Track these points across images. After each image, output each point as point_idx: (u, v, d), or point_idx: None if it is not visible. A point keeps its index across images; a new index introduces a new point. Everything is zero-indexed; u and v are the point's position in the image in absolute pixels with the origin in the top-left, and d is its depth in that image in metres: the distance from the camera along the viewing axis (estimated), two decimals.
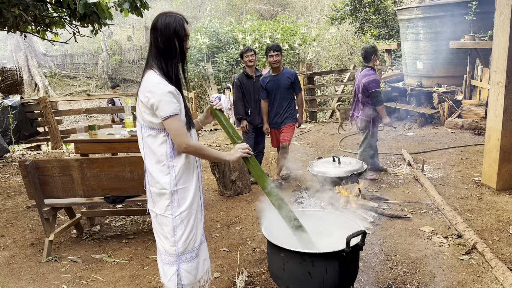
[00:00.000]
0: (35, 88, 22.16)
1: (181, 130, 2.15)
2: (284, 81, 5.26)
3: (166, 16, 2.21)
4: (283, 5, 25.52)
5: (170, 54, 2.19)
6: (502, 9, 4.46)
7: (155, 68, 2.20)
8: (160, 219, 2.29)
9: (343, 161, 4.27)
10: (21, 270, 3.54)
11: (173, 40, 2.18)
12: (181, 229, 2.28)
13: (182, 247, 2.30)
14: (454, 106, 8.36)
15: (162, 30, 2.17)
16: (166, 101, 2.11)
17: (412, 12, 9.00)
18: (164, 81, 2.15)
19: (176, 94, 2.17)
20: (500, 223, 3.92)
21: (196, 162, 2.40)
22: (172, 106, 2.12)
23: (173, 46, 2.19)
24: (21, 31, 5.43)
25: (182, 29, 2.20)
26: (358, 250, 2.38)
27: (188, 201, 2.29)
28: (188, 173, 2.31)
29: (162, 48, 2.18)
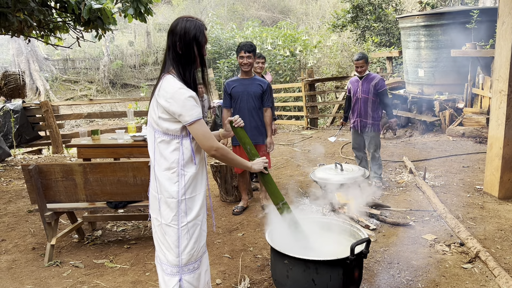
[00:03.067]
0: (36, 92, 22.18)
1: (208, 133, 2.13)
2: (254, 88, 4.51)
3: (187, 21, 2.17)
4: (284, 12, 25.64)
5: (189, 60, 2.16)
6: (504, 18, 4.49)
7: (173, 73, 2.16)
8: (165, 228, 2.23)
9: (346, 168, 4.28)
10: (23, 274, 3.53)
11: (193, 46, 2.15)
12: (186, 240, 2.22)
13: (186, 258, 2.25)
14: (455, 114, 8.38)
15: (181, 35, 2.14)
16: (190, 106, 2.08)
17: (414, 20, 9.04)
18: (184, 86, 2.12)
19: (196, 99, 2.14)
20: (502, 231, 3.91)
21: (205, 171, 2.35)
22: (196, 110, 2.10)
23: (192, 52, 2.16)
24: (25, 35, 5.45)
25: (203, 35, 2.17)
26: (362, 257, 2.38)
27: (194, 211, 2.24)
28: (197, 183, 2.25)
29: (180, 54, 2.15)
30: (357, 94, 5.32)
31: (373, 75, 5.27)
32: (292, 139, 9.60)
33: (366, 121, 5.30)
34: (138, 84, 23.08)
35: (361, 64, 5.19)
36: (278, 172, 6.64)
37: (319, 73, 15.92)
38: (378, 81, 5.21)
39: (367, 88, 5.22)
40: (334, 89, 12.79)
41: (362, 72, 5.23)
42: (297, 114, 12.69)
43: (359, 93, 5.31)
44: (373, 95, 5.23)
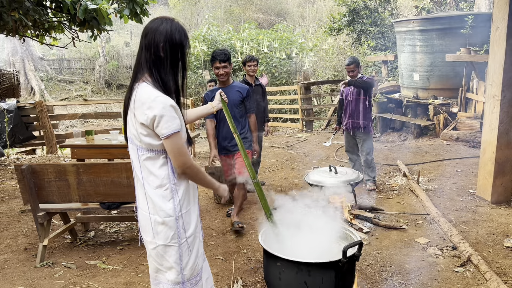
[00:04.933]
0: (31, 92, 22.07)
1: (183, 149, 1.97)
2: (232, 96, 4.20)
3: (172, 22, 2.00)
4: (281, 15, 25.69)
5: (174, 65, 2.00)
6: (498, 24, 4.53)
7: (148, 80, 1.96)
8: (164, 249, 2.07)
9: (340, 171, 4.29)
10: (14, 275, 3.51)
11: (177, 50, 1.99)
12: (187, 255, 2.12)
13: (188, 273, 2.14)
14: (449, 118, 8.43)
15: (167, 36, 1.96)
16: (168, 117, 1.90)
17: (409, 24, 9.09)
18: (162, 94, 1.92)
19: (177, 109, 1.97)
20: (494, 235, 3.94)
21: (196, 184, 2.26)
22: (175, 122, 1.92)
23: (177, 56, 2.00)
24: (20, 35, 5.43)
25: (187, 39, 2.04)
26: (354, 260, 2.39)
27: (193, 225, 2.14)
28: (190, 196, 2.14)
29: (163, 57, 1.96)
30: (349, 96, 5.35)
31: (363, 76, 5.29)
32: (287, 142, 9.61)
33: (358, 122, 5.32)
34: None
35: (352, 69, 5.21)
36: (273, 174, 6.64)
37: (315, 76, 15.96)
38: (367, 78, 5.22)
39: (359, 90, 5.25)
40: (330, 92, 12.83)
41: (354, 76, 5.25)
42: (293, 116, 12.71)
43: (350, 95, 5.33)
44: (363, 95, 5.25)
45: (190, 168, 2.00)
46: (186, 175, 2.03)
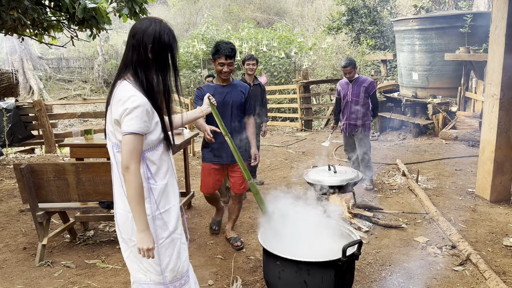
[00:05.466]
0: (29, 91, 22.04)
1: (136, 153, 1.90)
2: (236, 96, 3.68)
3: (160, 23, 1.99)
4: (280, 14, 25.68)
5: (162, 67, 2.00)
6: (497, 23, 4.53)
7: (129, 79, 1.97)
8: None
9: (339, 170, 4.30)
10: (13, 274, 3.50)
11: (167, 52, 1.99)
12: (167, 256, 2.08)
13: (170, 275, 2.11)
14: (448, 117, 8.43)
15: (156, 38, 1.95)
16: (134, 116, 1.88)
17: (408, 23, 9.09)
18: (140, 94, 1.93)
19: (150, 112, 1.95)
20: (493, 234, 3.94)
21: (175, 180, 2.21)
22: (139, 123, 1.89)
23: (166, 59, 2.00)
24: (19, 34, 5.41)
25: (176, 41, 2.03)
26: (354, 259, 2.39)
27: (171, 225, 2.10)
28: (169, 194, 2.11)
29: (150, 58, 1.97)
30: (347, 97, 5.33)
31: (363, 78, 5.28)
32: (286, 141, 9.61)
33: (355, 124, 5.32)
34: None
35: (349, 70, 5.21)
36: (272, 173, 6.64)
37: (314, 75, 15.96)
38: (368, 85, 5.22)
39: (358, 91, 5.24)
40: (329, 91, 12.84)
41: (351, 77, 5.26)
42: (292, 116, 12.71)
43: (349, 96, 5.32)
44: (363, 98, 5.25)
45: (129, 175, 1.89)
46: (124, 177, 1.92)
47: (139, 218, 1.92)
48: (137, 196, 1.90)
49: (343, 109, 5.42)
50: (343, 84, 5.41)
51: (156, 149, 2.05)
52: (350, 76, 5.23)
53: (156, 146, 2.05)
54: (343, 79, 5.46)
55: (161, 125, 2.04)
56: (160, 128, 2.03)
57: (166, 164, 2.11)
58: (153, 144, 2.03)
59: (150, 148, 2.02)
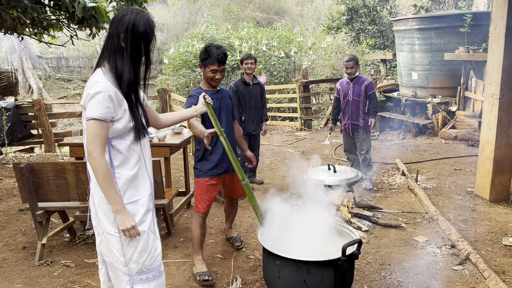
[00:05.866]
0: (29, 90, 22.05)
1: (99, 139, 1.90)
2: (227, 102, 3.46)
3: (137, 13, 1.98)
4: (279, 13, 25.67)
5: (134, 56, 1.99)
6: (497, 23, 4.53)
7: (104, 67, 2.00)
8: (107, 236, 2.06)
9: (338, 169, 4.30)
10: (13, 273, 3.50)
11: (140, 42, 1.98)
12: (131, 248, 2.05)
13: (135, 267, 2.07)
14: (448, 117, 8.44)
15: (129, 27, 1.94)
16: (96, 102, 1.89)
17: (408, 23, 9.10)
18: (106, 81, 1.94)
19: (114, 99, 1.94)
20: (493, 234, 3.94)
21: (148, 173, 2.16)
22: (101, 109, 1.89)
23: (139, 48, 1.99)
24: (19, 33, 5.41)
25: (152, 32, 2.02)
26: (353, 258, 2.39)
27: (138, 217, 2.06)
28: (138, 186, 2.08)
29: (123, 47, 1.97)
30: (348, 97, 5.33)
31: (363, 78, 5.29)
32: (286, 140, 9.62)
33: (357, 124, 5.32)
34: None
35: (351, 65, 5.21)
36: (272, 173, 6.65)
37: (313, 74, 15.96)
38: (368, 84, 5.23)
39: (358, 90, 5.24)
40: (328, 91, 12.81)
41: (352, 74, 5.25)
42: (291, 115, 12.71)
43: (350, 95, 5.31)
44: (364, 98, 5.25)
45: (94, 160, 1.90)
46: (90, 165, 1.95)
47: (112, 200, 1.95)
48: (105, 180, 1.92)
49: (344, 108, 5.41)
50: (343, 83, 5.41)
51: (124, 138, 2.03)
52: (352, 72, 5.23)
53: (124, 135, 2.02)
54: (344, 79, 5.46)
55: (133, 114, 2.03)
56: (129, 117, 2.01)
57: (137, 155, 2.08)
58: (120, 133, 2.01)
59: (117, 137, 2.00)
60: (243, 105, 5.54)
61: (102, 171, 1.91)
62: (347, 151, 5.69)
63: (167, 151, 4.55)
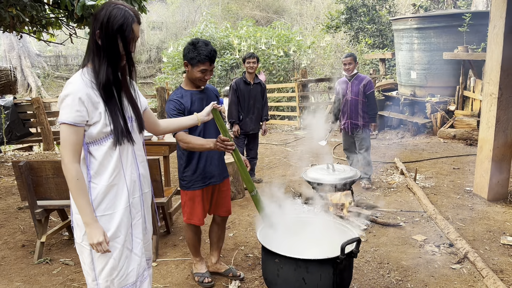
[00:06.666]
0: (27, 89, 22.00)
1: (70, 145, 1.78)
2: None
3: (114, 7, 1.81)
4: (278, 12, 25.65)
5: (110, 56, 1.83)
6: (496, 22, 4.54)
7: (88, 67, 1.86)
8: (78, 248, 1.95)
9: (337, 168, 4.31)
10: (12, 272, 3.50)
11: (117, 39, 1.81)
12: (101, 263, 1.91)
13: (103, 284, 1.94)
14: (446, 116, 8.45)
15: (104, 23, 1.78)
16: (65, 105, 1.77)
17: (407, 22, 9.10)
18: (79, 82, 1.80)
19: (86, 102, 1.78)
20: (491, 233, 3.96)
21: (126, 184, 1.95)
22: (69, 112, 1.76)
23: (115, 47, 1.82)
24: (18, 31, 5.40)
25: (130, 29, 1.82)
26: (352, 257, 2.40)
27: (110, 232, 1.90)
28: (115, 199, 1.92)
29: (100, 45, 1.82)
30: (347, 96, 5.33)
31: (362, 76, 5.29)
32: (285, 139, 9.62)
33: (356, 123, 5.32)
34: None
35: (349, 61, 5.20)
36: (271, 171, 6.65)
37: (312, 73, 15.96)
38: (367, 83, 5.23)
39: (357, 89, 5.24)
40: (327, 90, 12.82)
41: (350, 70, 5.24)
42: (290, 114, 12.71)
43: (348, 94, 5.31)
44: (362, 97, 5.25)
45: (64, 167, 1.80)
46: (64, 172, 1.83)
47: (82, 211, 1.82)
48: (75, 189, 1.80)
49: (343, 107, 5.41)
50: (342, 83, 5.41)
51: (101, 143, 1.87)
52: (350, 68, 5.23)
53: (101, 140, 1.87)
54: (342, 78, 5.46)
55: (111, 118, 1.86)
56: (106, 121, 1.84)
57: (114, 163, 1.89)
58: (96, 138, 1.86)
59: (93, 142, 1.86)
60: (242, 104, 5.54)
61: (71, 179, 1.79)
62: (346, 150, 5.70)
63: (166, 149, 4.55)
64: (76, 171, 1.79)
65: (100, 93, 1.83)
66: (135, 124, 2.02)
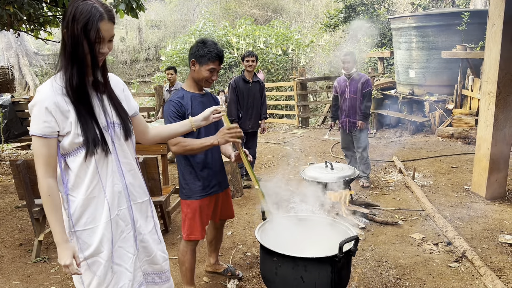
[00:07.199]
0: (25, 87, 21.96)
1: (41, 158, 1.65)
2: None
3: (81, 3, 1.61)
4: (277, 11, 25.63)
5: (74, 56, 1.64)
6: (494, 21, 4.54)
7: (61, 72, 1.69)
8: None
9: (336, 167, 4.30)
10: (10, 270, 3.50)
11: (81, 39, 1.61)
12: (88, 277, 1.79)
13: None
14: (445, 115, 8.46)
15: (68, 21, 1.60)
16: (33, 116, 1.64)
17: (406, 21, 9.10)
18: (46, 90, 1.65)
19: (54, 111, 1.63)
20: (489, 231, 3.96)
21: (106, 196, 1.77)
22: (36, 124, 1.63)
23: (79, 47, 1.62)
24: (15, 29, 5.39)
25: (95, 27, 1.60)
26: (350, 255, 2.40)
27: (92, 247, 1.75)
28: (94, 211, 1.75)
29: (67, 46, 1.64)
30: (345, 94, 5.33)
31: (360, 75, 5.30)
32: (283, 138, 9.62)
33: (355, 121, 5.32)
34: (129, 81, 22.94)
35: (348, 60, 5.21)
36: (269, 170, 6.65)
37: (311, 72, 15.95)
38: (365, 81, 5.23)
39: (355, 88, 5.25)
40: (326, 89, 12.82)
41: (349, 68, 5.24)
42: (289, 113, 12.71)
43: (347, 93, 5.31)
44: (361, 95, 5.26)
45: (38, 180, 1.68)
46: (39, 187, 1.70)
47: (53, 229, 1.69)
48: (47, 205, 1.67)
49: (342, 106, 5.42)
50: (341, 81, 5.42)
51: (76, 155, 1.71)
52: (348, 67, 5.23)
53: (74, 151, 1.71)
54: (341, 76, 5.46)
55: (84, 126, 1.68)
56: (78, 130, 1.67)
57: (91, 175, 1.73)
58: (69, 149, 1.70)
59: (68, 153, 1.71)
60: (241, 102, 5.54)
61: (43, 195, 1.67)
62: (344, 149, 5.70)
63: (164, 148, 4.54)
64: (47, 187, 1.67)
65: (70, 99, 1.67)
66: (120, 130, 1.83)
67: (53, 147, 1.67)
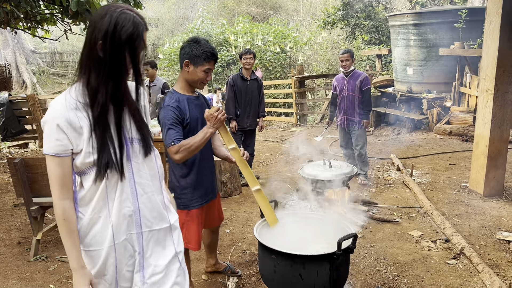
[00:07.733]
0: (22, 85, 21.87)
1: (55, 179, 1.55)
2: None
3: (121, 12, 1.51)
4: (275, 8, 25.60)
5: (114, 70, 1.52)
6: (492, 18, 4.54)
7: (80, 81, 1.56)
8: None
9: (334, 164, 4.30)
10: (8, 269, 3.49)
11: (124, 51, 1.51)
12: None
13: None
14: (442, 113, 8.47)
15: (109, 32, 1.48)
16: (45, 135, 1.53)
17: (403, 18, 9.10)
18: (59, 105, 1.52)
19: (66, 128, 1.51)
20: (487, 228, 3.97)
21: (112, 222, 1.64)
22: (48, 142, 1.52)
23: (122, 59, 1.52)
24: (12, 27, 5.36)
25: (141, 38, 1.54)
26: (349, 253, 2.40)
27: (96, 268, 1.65)
28: (98, 234, 1.63)
29: (101, 58, 1.51)
30: (343, 92, 5.34)
31: (359, 73, 5.30)
32: (281, 136, 9.62)
33: (353, 119, 5.33)
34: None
35: (346, 58, 5.21)
36: (267, 168, 6.65)
37: (309, 70, 15.95)
38: (363, 79, 5.23)
39: (353, 85, 5.25)
40: (324, 86, 12.83)
41: (347, 67, 5.24)
42: (287, 110, 12.72)
43: (345, 90, 5.32)
44: (359, 93, 5.26)
45: (54, 205, 1.58)
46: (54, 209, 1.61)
47: (68, 254, 1.60)
48: (62, 229, 1.58)
49: (340, 104, 5.42)
50: (339, 79, 5.42)
51: (89, 173, 1.60)
52: (347, 65, 5.23)
53: (87, 169, 1.60)
54: (339, 74, 5.46)
55: (101, 145, 1.56)
56: (90, 148, 1.55)
57: (99, 195, 1.61)
58: (81, 168, 1.60)
59: (82, 172, 1.61)
60: (239, 100, 5.53)
61: (58, 218, 1.58)
62: (343, 147, 5.71)
63: (162, 146, 4.53)
64: (62, 210, 1.57)
65: (93, 115, 1.54)
66: (139, 146, 1.68)
67: (68, 166, 1.57)
